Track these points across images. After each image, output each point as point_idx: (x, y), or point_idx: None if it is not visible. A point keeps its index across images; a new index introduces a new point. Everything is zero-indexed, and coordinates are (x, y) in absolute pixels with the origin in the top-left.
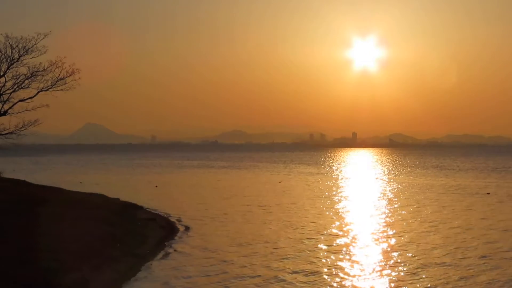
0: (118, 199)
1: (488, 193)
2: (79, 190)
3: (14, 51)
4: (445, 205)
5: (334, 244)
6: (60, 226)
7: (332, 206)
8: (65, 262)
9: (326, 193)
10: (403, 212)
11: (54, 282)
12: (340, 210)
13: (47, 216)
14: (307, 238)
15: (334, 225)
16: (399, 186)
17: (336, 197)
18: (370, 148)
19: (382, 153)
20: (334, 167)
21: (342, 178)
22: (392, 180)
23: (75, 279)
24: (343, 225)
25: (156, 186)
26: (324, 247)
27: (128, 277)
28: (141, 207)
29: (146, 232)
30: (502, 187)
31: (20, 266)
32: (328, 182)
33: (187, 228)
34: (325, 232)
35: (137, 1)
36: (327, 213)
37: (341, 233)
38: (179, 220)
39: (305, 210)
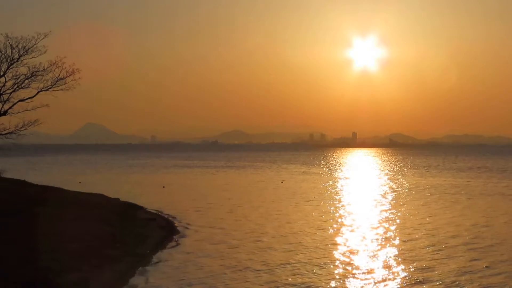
0: (118, 199)
1: None
2: (79, 190)
3: (14, 51)
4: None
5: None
6: (60, 226)
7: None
8: (65, 262)
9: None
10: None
11: (54, 282)
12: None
13: (47, 216)
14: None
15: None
16: (385, 187)
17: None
18: (370, 148)
19: (381, 153)
20: (327, 167)
21: (332, 178)
22: (378, 180)
23: (75, 279)
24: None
25: (164, 187)
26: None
27: (128, 277)
28: (141, 207)
29: (146, 232)
30: (470, 186)
31: (20, 266)
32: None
33: (186, 228)
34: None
35: (137, 1)
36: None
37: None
38: (179, 220)
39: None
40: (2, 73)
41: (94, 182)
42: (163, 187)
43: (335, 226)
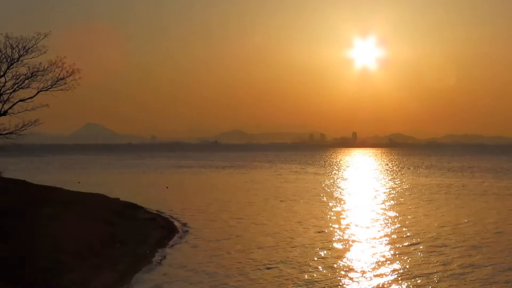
0: (118, 199)
1: None
2: (78, 190)
3: (14, 51)
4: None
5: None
6: (60, 226)
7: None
8: (65, 262)
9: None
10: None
11: (54, 282)
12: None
13: (47, 216)
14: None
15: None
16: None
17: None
18: (370, 148)
19: (380, 153)
20: (326, 167)
21: (330, 179)
22: (374, 181)
23: (75, 279)
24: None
25: (167, 187)
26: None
27: (128, 277)
28: (141, 207)
29: (146, 232)
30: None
31: (20, 266)
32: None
33: (186, 228)
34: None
35: (131, 2)
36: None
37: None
38: (179, 220)
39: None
40: (2, 73)
41: (93, 182)
42: (167, 187)
43: (330, 225)
